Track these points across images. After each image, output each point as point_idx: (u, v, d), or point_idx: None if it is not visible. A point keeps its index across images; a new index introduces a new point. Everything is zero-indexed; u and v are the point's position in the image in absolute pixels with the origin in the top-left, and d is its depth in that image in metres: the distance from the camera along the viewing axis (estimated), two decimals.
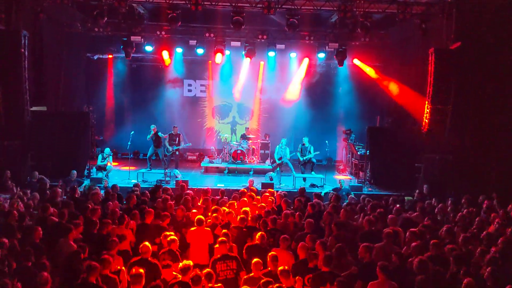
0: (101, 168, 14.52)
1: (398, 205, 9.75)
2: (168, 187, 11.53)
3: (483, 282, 5.89)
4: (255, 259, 6.20)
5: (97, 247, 6.90)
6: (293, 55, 18.45)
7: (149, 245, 6.55)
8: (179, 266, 5.94)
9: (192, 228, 7.76)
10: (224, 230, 7.42)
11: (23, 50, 12.11)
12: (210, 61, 19.13)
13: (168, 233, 7.31)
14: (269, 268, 6.26)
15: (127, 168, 14.81)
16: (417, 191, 11.96)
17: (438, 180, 12.80)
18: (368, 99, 19.40)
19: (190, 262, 5.97)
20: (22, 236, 7.23)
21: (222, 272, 6.61)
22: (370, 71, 18.52)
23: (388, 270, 5.97)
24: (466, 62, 12.65)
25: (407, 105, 16.45)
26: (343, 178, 15.09)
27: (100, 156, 14.62)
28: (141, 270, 5.70)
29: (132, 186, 11.62)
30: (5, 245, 6.47)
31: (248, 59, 17.34)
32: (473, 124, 12.79)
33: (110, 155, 14.90)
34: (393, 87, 17.23)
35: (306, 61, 18.91)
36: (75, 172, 12.62)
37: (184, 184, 11.49)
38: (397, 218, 8.44)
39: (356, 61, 18.44)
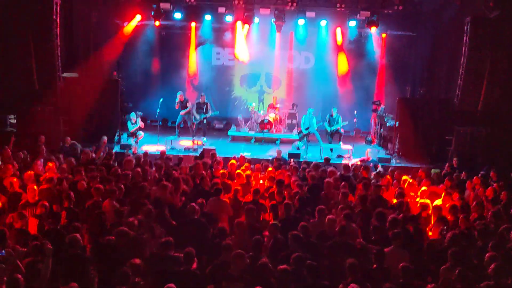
0: (133, 135, 14.71)
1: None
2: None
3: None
4: None
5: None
6: (323, 23, 18.02)
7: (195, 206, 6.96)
8: None
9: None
10: None
11: (55, 17, 12.25)
12: (238, 29, 18.94)
13: None
14: None
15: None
16: (446, 164, 11.79)
17: (469, 153, 12.55)
18: (399, 69, 18.95)
19: None
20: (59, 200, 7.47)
21: None
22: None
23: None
24: (505, 33, 12.17)
25: (439, 76, 16.05)
26: (371, 150, 14.91)
27: (129, 123, 14.81)
28: None
29: (159, 153, 11.77)
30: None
31: (278, 26, 17.02)
32: (508, 97, 12.40)
33: (139, 117, 14.87)
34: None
35: (338, 31, 18.51)
36: (105, 137, 12.78)
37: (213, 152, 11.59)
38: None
39: (384, 35, 17.95)
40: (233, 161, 10.50)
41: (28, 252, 5.70)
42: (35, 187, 7.43)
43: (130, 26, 17.80)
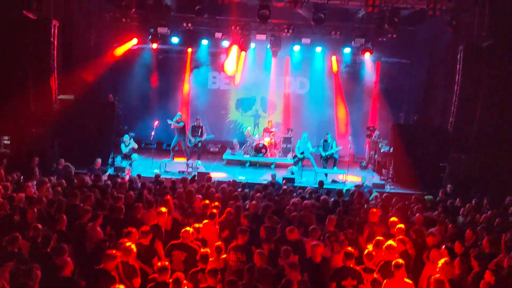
0: (127, 157, 14.66)
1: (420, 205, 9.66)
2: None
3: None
4: None
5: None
6: (318, 49, 18.31)
7: (191, 230, 6.76)
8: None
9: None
10: None
11: (52, 39, 12.33)
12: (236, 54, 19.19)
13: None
14: None
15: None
16: (441, 190, 11.79)
17: (463, 180, 12.57)
18: (394, 95, 19.16)
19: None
20: (50, 223, 7.38)
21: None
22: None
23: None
24: (498, 61, 12.36)
25: (433, 103, 16.21)
26: (365, 175, 14.92)
27: (122, 145, 14.81)
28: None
29: (154, 176, 11.74)
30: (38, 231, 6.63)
31: (274, 51, 17.24)
32: (501, 125, 12.51)
33: (131, 137, 14.81)
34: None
35: (333, 58, 18.84)
36: (99, 160, 12.77)
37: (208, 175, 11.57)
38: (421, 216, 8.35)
39: (379, 61, 18.28)
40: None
41: (17, 275, 5.59)
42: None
43: (122, 48, 17.94)
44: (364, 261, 6.48)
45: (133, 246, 6.24)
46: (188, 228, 6.81)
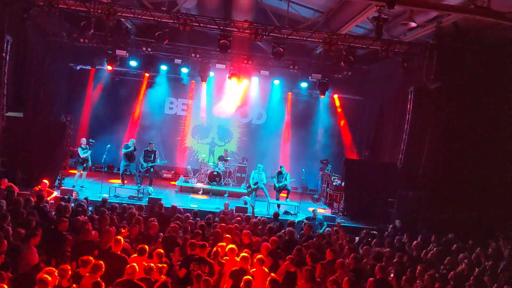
0: (82, 162, 14.55)
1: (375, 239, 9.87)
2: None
3: None
4: None
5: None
6: (276, 82, 18.70)
7: (136, 267, 6.35)
8: None
9: None
10: None
11: (4, 54, 11.97)
12: (193, 81, 19.26)
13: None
14: None
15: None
16: (391, 225, 12.06)
17: (410, 216, 12.92)
18: (347, 130, 19.71)
19: None
20: None
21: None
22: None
23: None
24: (444, 103, 13.02)
25: (384, 140, 16.74)
26: (317, 208, 15.09)
27: (80, 149, 14.59)
28: None
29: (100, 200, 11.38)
30: None
31: (232, 80, 17.41)
32: (447, 164, 13.06)
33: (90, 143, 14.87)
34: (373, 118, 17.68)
35: (289, 93, 19.38)
36: (45, 181, 12.30)
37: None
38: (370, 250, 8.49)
39: (335, 96, 18.90)
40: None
41: None
42: None
43: (83, 70, 17.65)
44: None
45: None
46: (134, 264, 6.45)
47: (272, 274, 6.91)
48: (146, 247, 7.26)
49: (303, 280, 6.74)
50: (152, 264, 6.65)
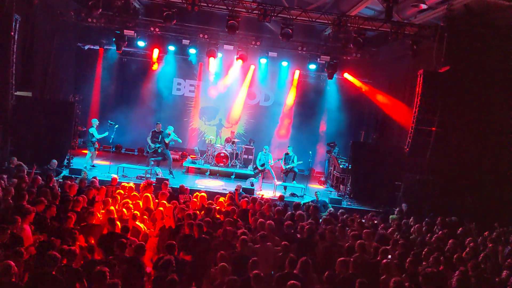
0: (94, 143, 14.62)
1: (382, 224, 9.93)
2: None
3: None
4: None
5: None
6: (284, 64, 18.58)
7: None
8: None
9: None
10: None
11: (13, 33, 11.96)
12: (201, 62, 19.22)
13: None
14: None
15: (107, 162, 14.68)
16: (397, 209, 12.09)
17: (417, 200, 12.93)
18: (355, 114, 19.64)
19: None
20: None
21: None
22: (359, 84, 18.78)
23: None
24: (453, 86, 12.89)
25: (392, 123, 16.66)
26: (320, 189, 15.18)
27: (93, 130, 14.60)
28: None
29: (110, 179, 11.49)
30: None
31: (240, 61, 17.34)
32: (455, 148, 12.99)
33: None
34: (382, 99, 17.54)
35: (297, 73, 19.17)
36: (55, 161, 12.42)
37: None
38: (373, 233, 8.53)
39: (346, 75, 18.69)
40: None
41: None
42: None
43: (91, 50, 17.62)
44: None
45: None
46: None
47: None
48: None
49: None
50: None
